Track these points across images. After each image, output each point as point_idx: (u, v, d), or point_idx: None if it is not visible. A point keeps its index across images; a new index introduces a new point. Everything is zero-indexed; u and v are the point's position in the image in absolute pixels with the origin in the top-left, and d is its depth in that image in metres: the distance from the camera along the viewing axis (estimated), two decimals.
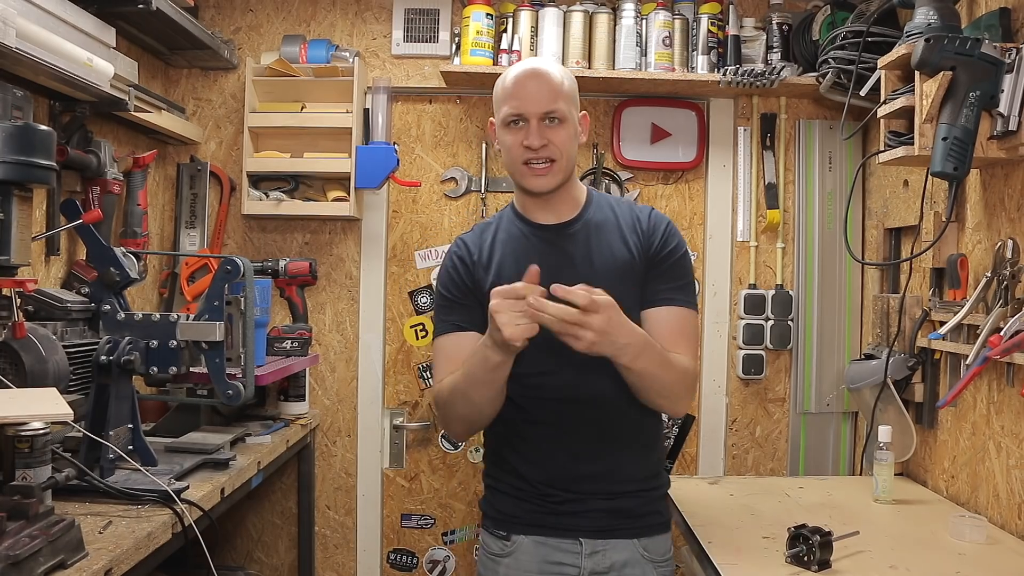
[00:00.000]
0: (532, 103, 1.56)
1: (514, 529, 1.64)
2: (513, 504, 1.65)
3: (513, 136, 1.58)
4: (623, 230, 1.64)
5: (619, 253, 1.62)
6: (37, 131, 1.57)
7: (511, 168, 1.62)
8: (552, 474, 1.61)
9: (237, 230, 2.90)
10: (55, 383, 1.66)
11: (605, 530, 1.60)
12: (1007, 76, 1.74)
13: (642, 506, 1.64)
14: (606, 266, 1.60)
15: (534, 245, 1.64)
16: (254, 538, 2.93)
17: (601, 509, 1.60)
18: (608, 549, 1.60)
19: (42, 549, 1.25)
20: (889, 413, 2.29)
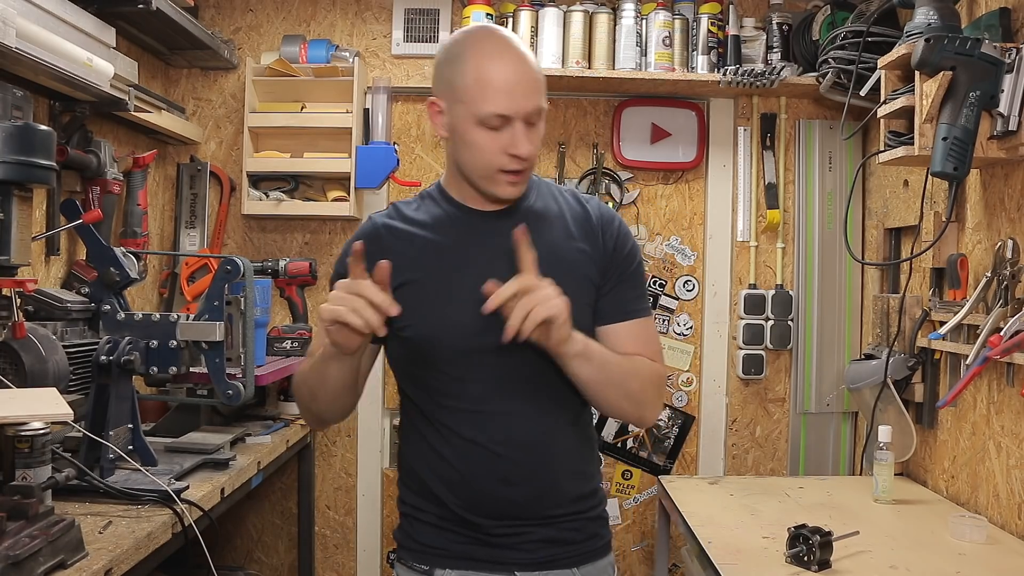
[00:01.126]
0: (523, 101, 1.30)
1: (437, 563, 1.40)
2: (435, 534, 1.40)
3: (492, 139, 1.31)
4: (568, 223, 1.42)
5: (564, 248, 1.40)
6: (37, 131, 1.57)
7: (480, 171, 1.35)
8: (479, 499, 1.37)
9: (237, 230, 2.90)
10: (55, 383, 1.66)
11: (543, 562, 1.39)
12: (1007, 76, 1.74)
13: (582, 530, 1.43)
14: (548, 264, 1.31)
15: (469, 231, 1.40)
16: (254, 538, 2.93)
17: (539, 539, 1.38)
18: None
19: (42, 549, 1.25)
20: (889, 413, 2.29)
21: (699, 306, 2.89)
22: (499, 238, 1.34)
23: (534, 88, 1.32)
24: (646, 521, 2.89)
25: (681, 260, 2.89)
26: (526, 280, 1.21)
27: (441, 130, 1.38)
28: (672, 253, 2.89)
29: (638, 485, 2.89)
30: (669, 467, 2.89)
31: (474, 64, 1.31)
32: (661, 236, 2.89)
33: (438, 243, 1.39)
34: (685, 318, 2.88)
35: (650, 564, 2.87)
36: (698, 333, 2.89)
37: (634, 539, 2.90)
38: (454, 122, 1.34)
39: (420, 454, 1.42)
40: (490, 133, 1.31)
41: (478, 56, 1.31)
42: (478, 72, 1.30)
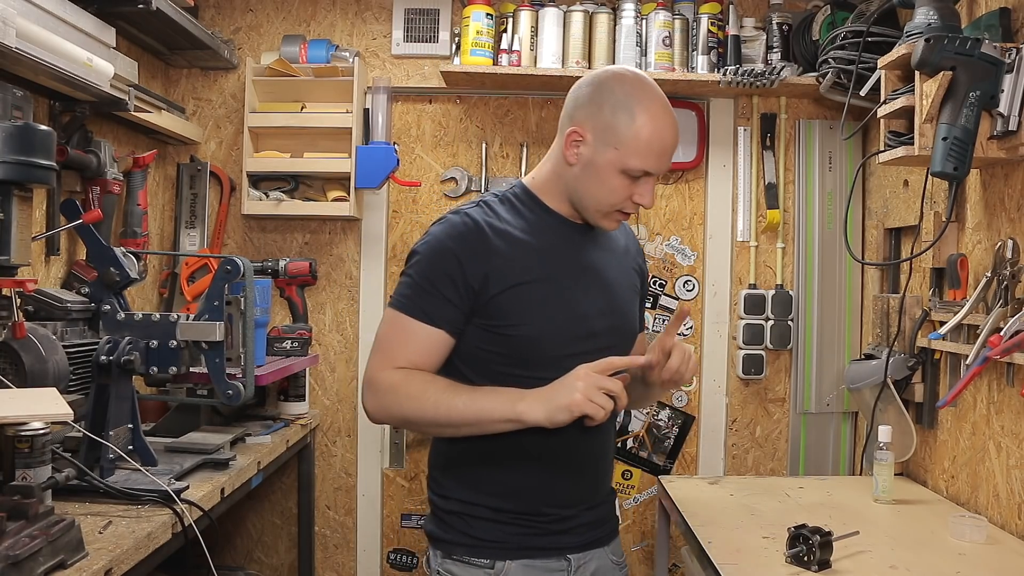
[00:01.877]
0: (667, 163, 1.46)
1: (498, 555, 1.46)
2: (493, 528, 1.47)
3: (627, 186, 1.43)
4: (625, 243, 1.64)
5: (628, 265, 1.62)
6: (37, 131, 1.57)
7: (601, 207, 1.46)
8: (546, 493, 1.48)
9: (237, 230, 2.90)
10: (55, 383, 1.66)
11: (589, 543, 1.53)
12: (1007, 76, 1.74)
13: (611, 512, 1.61)
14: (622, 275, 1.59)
15: (566, 240, 1.51)
16: (254, 538, 2.93)
17: (585, 522, 1.52)
18: (588, 561, 1.53)
19: (42, 549, 1.25)
20: (889, 413, 2.29)
21: (699, 306, 2.89)
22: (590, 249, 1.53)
23: (673, 151, 1.46)
24: (646, 521, 2.89)
25: (681, 260, 2.89)
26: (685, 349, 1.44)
27: (573, 158, 1.46)
28: (672, 253, 2.89)
29: (638, 485, 2.89)
30: (669, 467, 2.89)
31: (643, 121, 1.41)
32: (661, 236, 2.89)
33: (541, 249, 1.47)
34: None
35: (650, 564, 2.87)
36: (698, 333, 2.89)
37: (634, 539, 2.90)
38: (595, 159, 1.44)
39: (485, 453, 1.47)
40: (627, 181, 1.43)
41: (647, 115, 1.42)
42: (644, 131, 1.41)
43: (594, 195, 1.46)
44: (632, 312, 1.60)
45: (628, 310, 1.58)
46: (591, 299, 1.49)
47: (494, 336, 1.44)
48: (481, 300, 1.43)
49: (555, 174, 1.51)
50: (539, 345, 1.44)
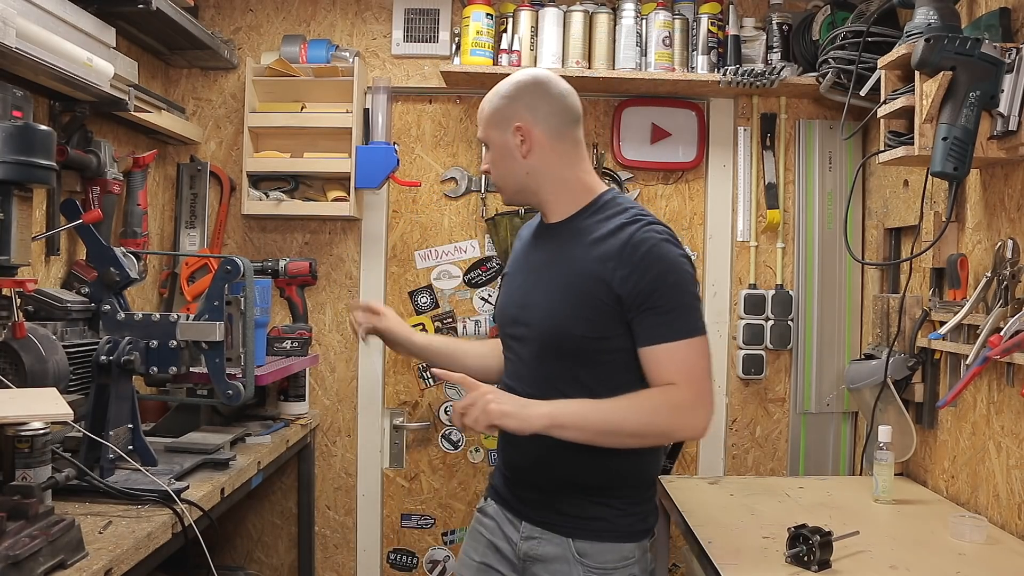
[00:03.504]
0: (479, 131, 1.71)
1: (490, 493, 1.78)
2: (496, 472, 1.80)
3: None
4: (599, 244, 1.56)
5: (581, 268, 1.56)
6: (37, 131, 1.57)
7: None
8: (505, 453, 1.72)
9: (237, 230, 2.90)
10: (55, 383, 1.66)
11: (542, 522, 1.62)
12: (1007, 76, 1.74)
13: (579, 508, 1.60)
14: (563, 275, 1.58)
15: (533, 240, 1.74)
16: (254, 538, 2.93)
17: (535, 499, 1.64)
18: (542, 538, 1.61)
19: (42, 549, 1.25)
20: (889, 413, 2.29)
21: None
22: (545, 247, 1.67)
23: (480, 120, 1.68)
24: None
25: None
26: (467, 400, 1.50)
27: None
28: None
29: None
30: (669, 467, 2.88)
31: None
32: None
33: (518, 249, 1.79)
34: None
35: None
36: None
37: None
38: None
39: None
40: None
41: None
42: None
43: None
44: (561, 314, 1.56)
45: (551, 310, 1.58)
46: (523, 293, 1.67)
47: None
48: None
49: None
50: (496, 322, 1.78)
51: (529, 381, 1.61)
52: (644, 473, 1.65)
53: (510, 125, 1.62)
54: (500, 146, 1.64)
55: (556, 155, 1.62)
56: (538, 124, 1.60)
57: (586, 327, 1.55)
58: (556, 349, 1.58)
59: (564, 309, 1.56)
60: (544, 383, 1.58)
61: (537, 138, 1.61)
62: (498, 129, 1.63)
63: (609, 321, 1.53)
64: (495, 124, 1.64)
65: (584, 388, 1.55)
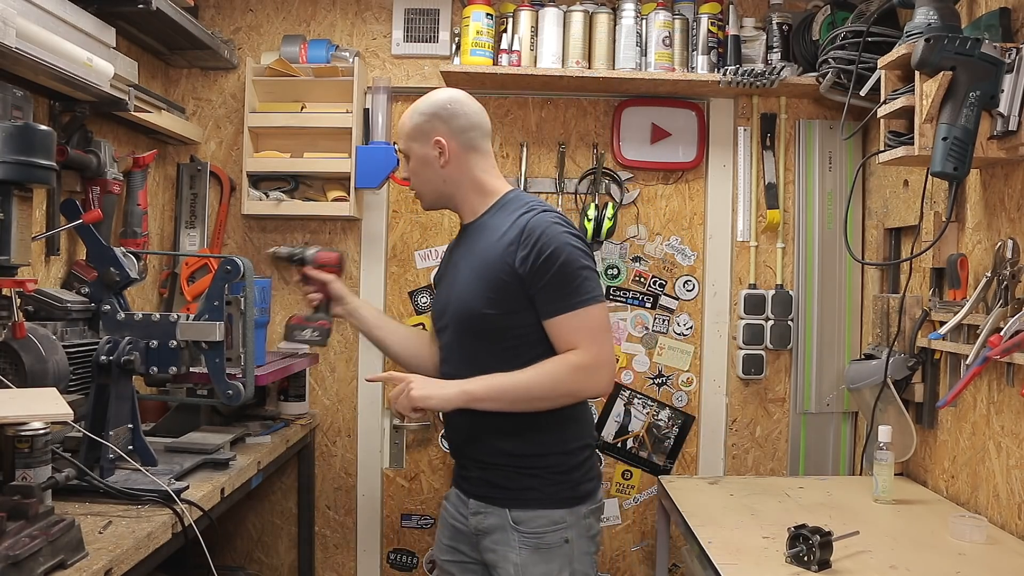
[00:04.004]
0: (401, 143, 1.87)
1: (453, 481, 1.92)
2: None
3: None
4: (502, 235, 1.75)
5: (489, 257, 1.75)
6: (37, 131, 1.56)
7: None
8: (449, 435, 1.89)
9: (237, 230, 2.90)
10: (55, 383, 1.66)
11: (484, 496, 1.78)
12: (1007, 76, 1.74)
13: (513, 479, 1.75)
14: (472, 266, 1.79)
15: (452, 244, 1.94)
16: (254, 538, 2.93)
17: (477, 476, 1.79)
18: (486, 512, 1.76)
19: (42, 549, 1.25)
20: (889, 413, 2.29)
21: (699, 306, 2.89)
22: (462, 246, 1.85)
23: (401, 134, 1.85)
24: (646, 521, 2.89)
25: (681, 260, 2.89)
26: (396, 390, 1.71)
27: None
28: (672, 253, 2.89)
29: (638, 485, 2.89)
30: (669, 467, 2.89)
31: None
32: (661, 236, 2.89)
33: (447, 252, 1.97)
34: (685, 318, 2.89)
35: (650, 564, 2.87)
36: (698, 333, 2.89)
37: (634, 539, 2.90)
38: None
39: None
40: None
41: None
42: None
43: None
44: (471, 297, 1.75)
45: (464, 295, 1.78)
46: (444, 286, 1.88)
47: None
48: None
49: None
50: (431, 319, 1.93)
51: (455, 364, 1.80)
52: (568, 443, 1.77)
53: (430, 139, 1.80)
54: (420, 157, 1.82)
55: (469, 164, 1.81)
56: (454, 138, 1.79)
57: (492, 306, 1.72)
58: (470, 330, 1.76)
59: (474, 292, 1.75)
60: (469, 363, 1.75)
61: (453, 150, 1.79)
62: (418, 142, 1.82)
63: (513, 299, 1.71)
64: (415, 137, 1.82)
65: (502, 362, 1.71)
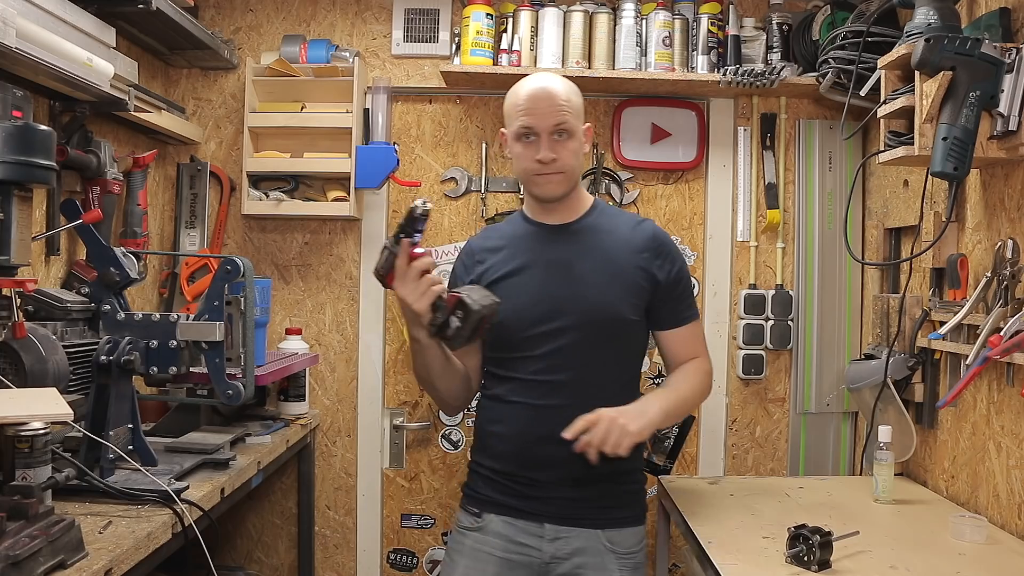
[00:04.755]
0: (543, 119, 1.70)
1: (486, 508, 1.77)
2: (486, 485, 1.78)
3: (525, 148, 1.73)
4: (629, 243, 1.78)
5: (621, 261, 1.76)
6: (37, 131, 1.57)
7: (522, 176, 1.80)
8: (522, 459, 1.73)
9: (237, 230, 2.90)
10: (55, 383, 1.66)
11: (568, 517, 1.70)
12: (1007, 76, 1.74)
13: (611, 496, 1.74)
14: (600, 267, 1.75)
15: (536, 241, 1.81)
16: (254, 538, 2.93)
17: (566, 496, 1.70)
18: (570, 536, 1.70)
19: (42, 549, 1.25)
20: (889, 413, 2.29)
21: (699, 306, 2.88)
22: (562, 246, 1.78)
23: (557, 109, 1.70)
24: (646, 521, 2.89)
25: None
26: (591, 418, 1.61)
27: (507, 152, 1.82)
28: None
29: None
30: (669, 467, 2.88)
31: (513, 90, 1.77)
32: None
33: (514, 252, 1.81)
34: None
35: (650, 564, 2.86)
36: None
37: None
38: (509, 143, 1.78)
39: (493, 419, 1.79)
40: (524, 145, 1.73)
41: (519, 85, 1.77)
42: (514, 99, 1.75)
43: (517, 170, 1.80)
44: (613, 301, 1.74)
45: (603, 299, 1.74)
46: (557, 287, 1.74)
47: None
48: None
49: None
50: (508, 330, 1.73)
51: (577, 369, 1.72)
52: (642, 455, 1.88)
53: (583, 121, 1.77)
54: (578, 137, 1.74)
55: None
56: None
57: (635, 312, 1.75)
58: (608, 333, 1.73)
59: (616, 296, 1.73)
60: (598, 369, 1.73)
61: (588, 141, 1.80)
62: (579, 120, 1.75)
63: (644, 304, 1.77)
64: (578, 115, 1.75)
65: (624, 369, 1.79)
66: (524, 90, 1.74)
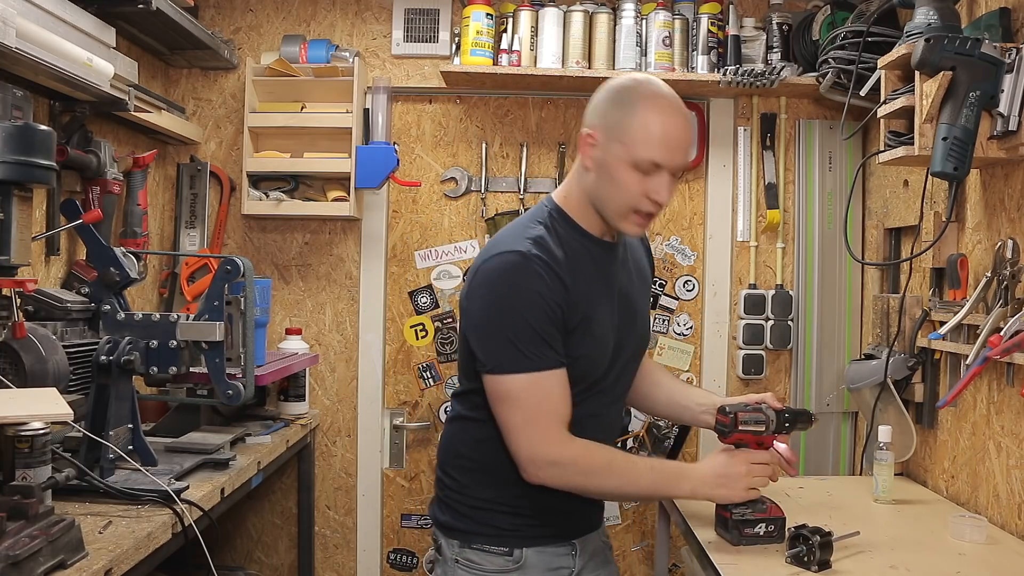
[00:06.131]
0: (679, 157, 1.49)
1: (516, 543, 1.58)
2: (513, 520, 1.58)
3: (640, 181, 1.48)
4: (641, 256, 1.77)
5: (644, 272, 1.77)
6: (37, 131, 1.57)
7: (618, 207, 1.51)
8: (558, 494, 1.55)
9: (237, 230, 2.90)
10: (55, 383, 1.66)
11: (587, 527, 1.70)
12: (1007, 76, 1.74)
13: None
14: (642, 284, 1.74)
15: (601, 263, 1.59)
16: (254, 538, 2.93)
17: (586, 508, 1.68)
18: (588, 542, 1.68)
19: (42, 549, 1.25)
20: (889, 413, 2.29)
21: (699, 306, 2.89)
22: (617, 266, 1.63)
23: (688, 147, 1.52)
24: (646, 521, 2.89)
25: (681, 260, 2.89)
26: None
27: (588, 161, 1.53)
28: (672, 253, 2.89)
29: None
30: None
31: (646, 114, 1.47)
32: (661, 236, 2.89)
33: (589, 278, 1.55)
34: (685, 318, 2.89)
35: (650, 564, 2.87)
36: (698, 333, 2.89)
37: (634, 539, 2.90)
38: (606, 157, 1.49)
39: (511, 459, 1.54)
40: (639, 176, 1.48)
41: (652, 108, 1.47)
42: (648, 121, 1.46)
43: (611, 195, 1.51)
44: (648, 317, 1.76)
45: (647, 316, 1.75)
46: (620, 317, 1.61)
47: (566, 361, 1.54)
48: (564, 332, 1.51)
49: (579, 186, 1.57)
50: (594, 365, 1.57)
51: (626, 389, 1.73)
52: None
53: None
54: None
55: None
56: None
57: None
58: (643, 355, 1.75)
59: (648, 317, 1.74)
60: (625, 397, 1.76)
61: None
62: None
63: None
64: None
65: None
66: (664, 118, 1.47)
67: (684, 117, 1.50)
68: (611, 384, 1.65)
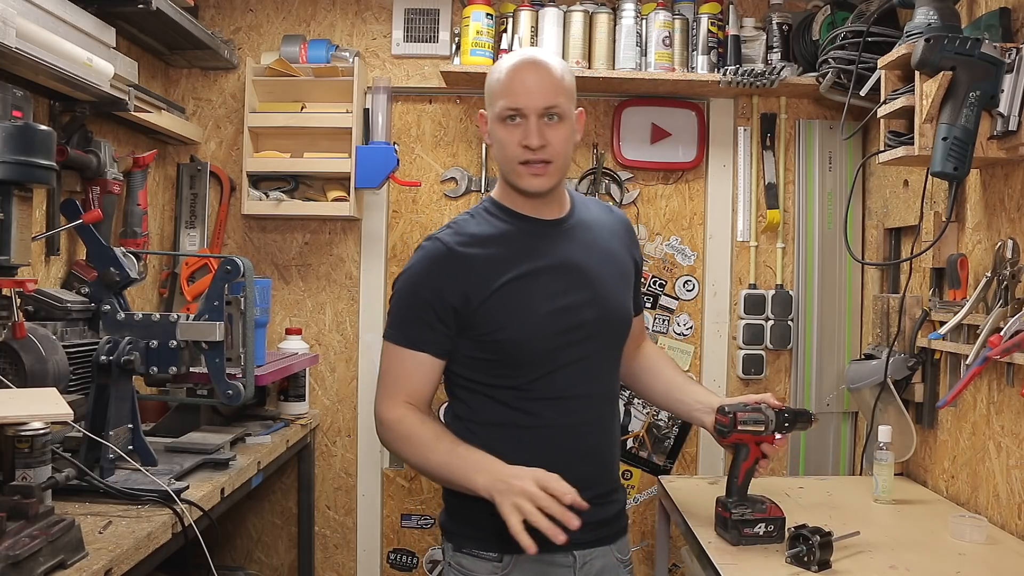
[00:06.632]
0: (531, 98, 1.45)
1: (506, 549, 1.48)
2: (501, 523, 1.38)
3: (509, 133, 1.47)
4: (615, 232, 1.67)
5: (617, 254, 1.65)
6: (37, 131, 1.57)
7: (505, 165, 1.52)
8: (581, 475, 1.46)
9: (237, 230, 2.90)
10: (55, 383, 1.66)
11: (594, 540, 1.57)
12: (1007, 76, 1.74)
13: (620, 511, 1.66)
14: (607, 265, 1.61)
15: (536, 239, 1.54)
16: (254, 538, 2.93)
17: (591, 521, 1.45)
18: (593, 558, 1.57)
19: (42, 549, 1.25)
20: (889, 413, 2.29)
21: (699, 306, 2.89)
22: (565, 244, 1.55)
23: (548, 87, 1.46)
24: (646, 521, 2.89)
25: (681, 260, 2.89)
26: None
27: (486, 138, 1.56)
28: (672, 253, 2.89)
29: (638, 485, 2.89)
30: (669, 467, 2.89)
31: (499, 71, 1.51)
32: (661, 236, 2.89)
33: (514, 253, 1.52)
34: (685, 318, 2.89)
35: (650, 564, 2.87)
36: (698, 333, 2.89)
37: (634, 539, 2.90)
38: (489, 128, 1.54)
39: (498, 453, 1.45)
40: (507, 128, 1.48)
41: (504, 65, 1.51)
42: (497, 75, 1.50)
43: (499, 158, 1.53)
44: (623, 300, 1.63)
45: (616, 299, 1.61)
46: (574, 292, 1.53)
47: (483, 343, 1.51)
48: (465, 315, 1.50)
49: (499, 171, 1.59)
50: (527, 345, 1.50)
51: (602, 379, 1.59)
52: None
53: (574, 105, 1.53)
54: (570, 122, 1.50)
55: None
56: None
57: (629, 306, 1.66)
58: (619, 336, 1.63)
59: (622, 294, 1.62)
60: (612, 376, 1.64)
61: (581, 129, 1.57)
62: (572, 102, 1.51)
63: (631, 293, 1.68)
64: (572, 96, 1.50)
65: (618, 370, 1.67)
66: (509, 64, 1.49)
67: (536, 64, 1.48)
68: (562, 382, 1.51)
